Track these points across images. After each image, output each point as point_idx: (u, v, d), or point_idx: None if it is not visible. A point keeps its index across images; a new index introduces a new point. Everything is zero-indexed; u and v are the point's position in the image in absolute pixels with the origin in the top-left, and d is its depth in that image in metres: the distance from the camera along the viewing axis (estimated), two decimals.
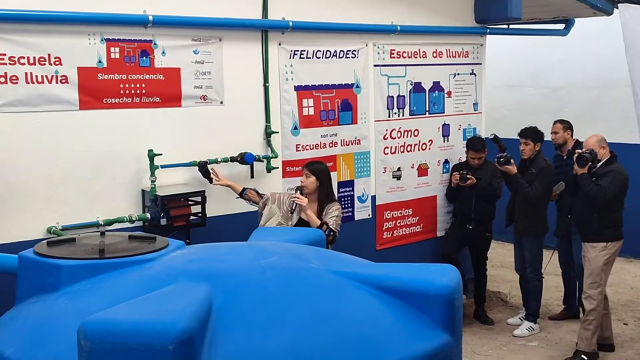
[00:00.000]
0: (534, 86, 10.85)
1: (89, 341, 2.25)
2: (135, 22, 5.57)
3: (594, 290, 6.50)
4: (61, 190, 5.36)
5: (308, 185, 5.83)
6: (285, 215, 5.78)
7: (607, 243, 6.48)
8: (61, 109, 5.32)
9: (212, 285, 2.65)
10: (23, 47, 5.11)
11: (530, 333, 7.30)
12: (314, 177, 5.83)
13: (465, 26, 7.98)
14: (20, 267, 3.17)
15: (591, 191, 6.35)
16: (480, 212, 7.54)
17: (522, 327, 7.36)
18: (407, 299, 2.78)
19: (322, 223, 5.68)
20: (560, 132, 7.50)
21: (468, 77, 8.12)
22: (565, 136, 7.49)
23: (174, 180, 5.89)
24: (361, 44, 7.07)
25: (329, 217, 5.76)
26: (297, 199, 5.70)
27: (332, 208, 5.82)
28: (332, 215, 5.77)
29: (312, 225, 5.62)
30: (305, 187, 5.83)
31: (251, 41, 6.30)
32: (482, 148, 7.55)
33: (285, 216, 5.78)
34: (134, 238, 3.41)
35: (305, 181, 5.85)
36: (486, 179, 7.46)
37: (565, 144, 7.49)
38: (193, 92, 5.96)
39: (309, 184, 5.83)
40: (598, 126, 9.25)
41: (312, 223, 5.66)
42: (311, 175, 5.84)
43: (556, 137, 7.53)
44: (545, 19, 8.92)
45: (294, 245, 3.33)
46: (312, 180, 5.83)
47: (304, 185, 5.84)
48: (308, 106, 6.72)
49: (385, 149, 7.42)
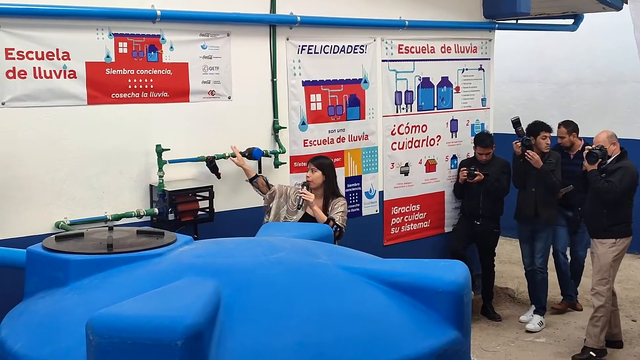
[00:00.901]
0: (543, 81, 10.81)
1: (97, 336, 2.25)
2: (143, 17, 5.57)
3: (603, 287, 6.47)
4: (69, 185, 5.37)
5: (314, 180, 5.82)
6: (290, 209, 5.78)
7: (616, 239, 6.45)
8: (69, 103, 5.32)
9: (220, 280, 2.65)
10: (31, 41, 5.12)
11: (541, 327, 7.30)
12: (320, 172, 5.82)
13: (474, 21, 7.95)
14: (28, 261, 3.18)
15: (602, 187, 6.33)
16: (488, 208, 7.52)
17: (533, 322, 7.35)
18: (416, 294, 2.78)
19: (329, 219, 5.67)
20: (566, 137, 7.55)
21: (476, 73, 8.09)
22: (572, 139, 7.54)
23: (182, 175, 5.89)
24: (369, 39, 7.05)
25: (334, 212, 5.74)
26: (304, 194, 5.69)
27: (337, 203, 5.81)
28: (338, 210, 5.76)
29: (319, 221, 5.61)
30: (311, 182, 5.82)
31: (259, 36, 6.29)
32: (490, 144, 7.53)
33: (290, 210, 5.77)
34: (142, 233, 3.42)
35: (312, 176, 5.83)
36: (494, 175, 7.44)
37: (572, 146, 7.53)
38: (201, 87, 5.95)
39: (315, 178, 5.82)
40: (607, 121, 9.24)
41: (318, 219, 5.65)
42: (317, 170, 5.83)
43: (563, 142, 7.58)
44: (554, 14, 8.88)
45: (302, 241, 3.32)
46: (318, 175, 5.82)
47: (310, 180, 5.83)
48: (316, 101, 6.71)
49: (393, 144, 7.40)
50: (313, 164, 5.88)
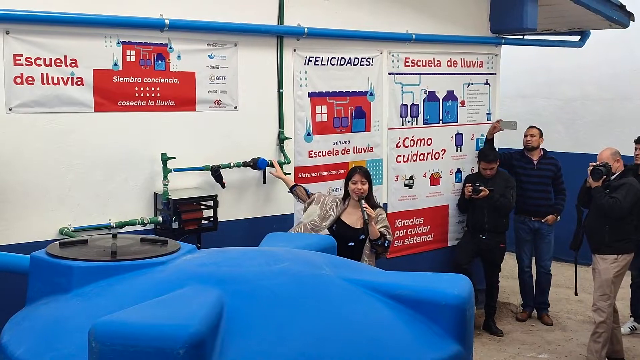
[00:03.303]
0: (548, 97, 10.82)
1: (99, 343, 2.25)
2: (151, 25, 5.59)
3: (604, 303, 6.46)
4: (74, 192, 5.38)
5: (365, 191, 5.71)
6: (322, 215, 5.76)
7: (617, 255, 6.45)
8: (76, 110, 5.34)
9: (223, 289, 2.65)
10: (40, 48, 5.14)
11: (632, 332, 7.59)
12: (368, 183, 5.77)
13: (481, 36, 7.97)
14: (32, 267, 3.18)
15: (606, 203, 6.33)
16: (493, 223, 7.53)
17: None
18: (419, 308, 2.77)
19: (381, 235, 5.61)
20: (536, 137, 7.97)
21: (482, 87, 8.11)
22: (540, 141, 8.00)
23: (187, 184, 5.90)
24: (376, 51, 7.07)
25: (381, 225, 5.67)
26: (367, 209, 5.52)
27: (380, 216, 5.73)
28: (384, 224, 5.70)
29: (372, 236, 5.58)
30: (363, 193, 5.69)
31: (266, 47, 6.31)
32: (493, 158, 7.55)
33: (322, 216, 5.75)
34: (145, 241, 3.42)
35: (362, 188, 5.71)
36: (499, 190, 7.44)
37: (537, 148, 7.95)
38: (207, 97, 5.97)
39: (365, 190, 5.72)
40: (611, 138, 9.23)
41: (372, 234, 5.58)
42: (367, 182, 5.76)
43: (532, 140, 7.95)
44: (560, 30, 8.90)
45: (306, 252, 3.32)
46: (367, 187, 5.74)
47: (362, 192, 5.70)
48: (321, 113, 6.72)
49: (397, 157, 7.41)
50: (363, 177, 5.75)
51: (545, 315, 8.00)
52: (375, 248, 5.66)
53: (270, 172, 6.22)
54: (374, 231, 5.59)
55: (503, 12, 7.87)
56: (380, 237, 5.61)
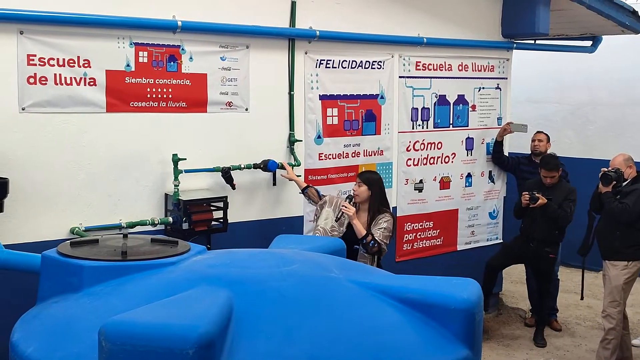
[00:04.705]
0: (559, 102, 10.79)
1: (109, 342, 2.27)
2: (164, 27, 5.61)
3: (614, 309, 6.44)
4: (85, 192, 5.40)
5: (360, 194, 5.79)
6: (336, 218, 5.78)
7: (628, 262, 6.43)
8: (88, 111, 5.36)
9: (233, 290, 2.66)
10: (53, 48, 5.17)
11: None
12: (366, 187, 5.80)
13: (492, 40, 7.96)
14: (43, 266, 3.20)
15: (615, 208, 6.31)
16: (544, 232, 7.22)
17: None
18: (428, 311, 2.78)
19: (368, 233, 5.65)
20: (543, 142, 7.96)
21: (493, 92, 8.10)
22: (548, 146, 7.97)
23: (197, 185, 5.92)
24: (387, 55, 7.07)
25: (377, 227, 5.71)
26: (344, 207, 5.67)
27: (381, 219, 5.75)
28: (380, 226, 5.72)
29: (357, 234, 5.62)
30: (356, 196, 5.80)
31: (278, 49, 6.32)
32: (554, 167, 7.24)
33: (338, 219, 5.78)
34: (156, 241, 3.44)
35: (357, 190, 5.81)
36: (557, 200, 7.15)
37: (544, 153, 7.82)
38: (219, 98, 5.99)
39: (361, 193, 5.79)
40: (622, 143, 9.21)
41: (357, 232, 5.64)
42: (363, 185, 5.80)
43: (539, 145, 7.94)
44: (572, 36, 8.88)
45: (315, 254, 3.33)
46: (363, 189, 5.79)
47: (355, 194, 5.82)
48: (332, 115, 6.73)
49: (408, 160, 7.40)
50: (360, 178, 5.88)
51: (554, 321, 7.97)
52: (360, 246, 5.71)
53: (281, 174, 6.23)
54: (357, 229, 5.64)
55: (515, 17, 7.86)
56: (367, 236, 5.62)
